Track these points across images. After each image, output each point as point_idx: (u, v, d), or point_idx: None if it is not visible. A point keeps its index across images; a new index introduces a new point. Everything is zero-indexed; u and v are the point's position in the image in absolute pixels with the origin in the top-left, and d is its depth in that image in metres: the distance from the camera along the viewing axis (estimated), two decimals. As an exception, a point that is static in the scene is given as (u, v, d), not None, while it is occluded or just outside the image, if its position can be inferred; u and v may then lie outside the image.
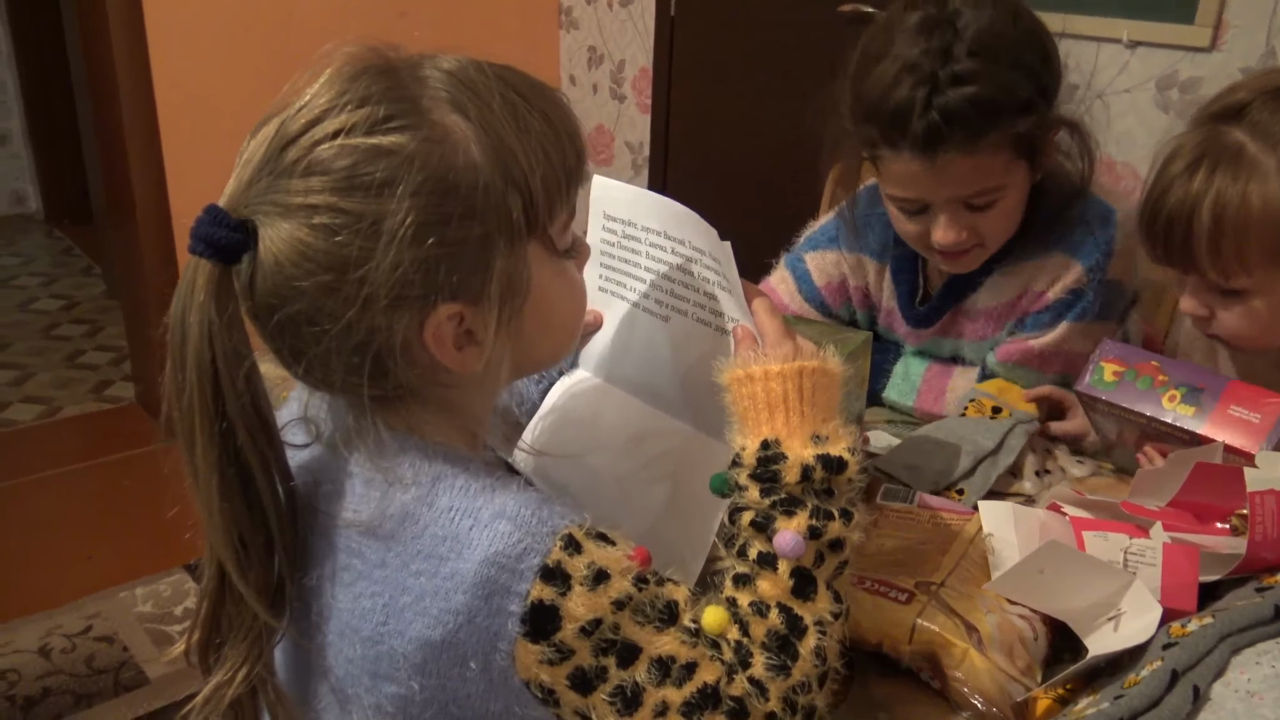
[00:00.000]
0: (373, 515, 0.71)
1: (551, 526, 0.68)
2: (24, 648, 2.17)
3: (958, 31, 1.09)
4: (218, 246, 0.67)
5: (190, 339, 0.67)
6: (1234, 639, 0.76)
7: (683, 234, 0.85)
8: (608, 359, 0.95)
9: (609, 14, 3.32)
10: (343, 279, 0.66)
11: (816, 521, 0.73)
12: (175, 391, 0.69)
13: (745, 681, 0.70)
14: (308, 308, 0.67)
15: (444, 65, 0.71)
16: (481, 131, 0.68)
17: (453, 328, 0.70)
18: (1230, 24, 2.01)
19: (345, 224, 0.65)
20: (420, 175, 0.66)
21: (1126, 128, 2.17)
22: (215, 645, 0.74)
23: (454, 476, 0.71)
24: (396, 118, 0.67)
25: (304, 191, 0.66)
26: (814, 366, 0.77)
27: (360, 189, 0.65)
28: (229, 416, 0.68)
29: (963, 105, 1.07)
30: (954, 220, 1.17)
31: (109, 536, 2.57)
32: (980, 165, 1.12)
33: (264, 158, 0.68)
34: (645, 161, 3.34)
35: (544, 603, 0.66)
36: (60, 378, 3.37)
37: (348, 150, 0.66)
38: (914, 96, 1.08)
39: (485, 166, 0.68)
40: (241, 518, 0.70)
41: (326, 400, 0.78)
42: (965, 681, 0.80)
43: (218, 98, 2.71)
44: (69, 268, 4.31)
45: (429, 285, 0.68)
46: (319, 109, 0.67)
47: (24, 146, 4.72)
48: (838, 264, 1.38)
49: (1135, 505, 0.93)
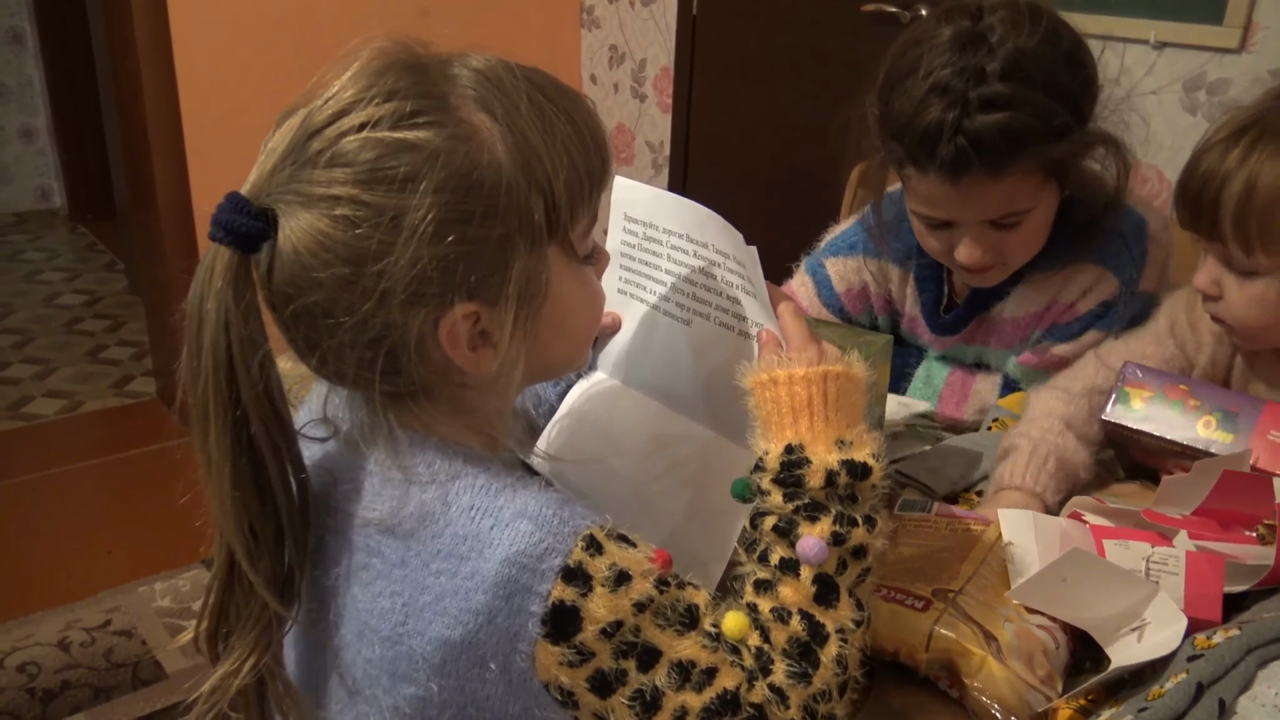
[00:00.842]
0: (391, 513, 0.71)
1: (573, 527, 0.67)
2: (44, 641, 2.19)
3: (991, 49, 1.05)
4: (238, 234, 0.67)
5: (207, 325, 0.67)
6: (1261, 652, 0.74)
7: (706, 237, 0.84)
8: (626, 362, 0.94)
9: (630, 13, 3.31)
10: (361, 272, 0.66)
11: (840, 528, 0.72)
12: (190, 378, 0.69)
13: (766, 688, 0.69)
14: (324, 299, 0.67)
15: (473, 64, 0.71)
16: (507, 131, 0.68)
17: (468, 327, 0.70)
18: (1260, 25, 1.98)
19: (366, 217, 0.65)
20: (444, 172, 0.66)
21: (1153, 130, 2.15)
22: (223, 635, 0.74)
23: (474, 475, 0.71)
24: (423, 113, 0.66)
25: (327, 182, 0.65)
26: (838, 371, 0.76)
27: (383, 182, 0.65)
28: (243, 404, 0.68)
29: (991, 132, 1.03)
30: (979, 240, 1.15)
31: (129, 531, 2.58)
32: (1009, 189, 1.09)
33: (288, 148, 0.68)
34: (666, 161, 3.33)
35: (565, 603, 0.65)
36: (82, 372, 3.39)
37: (372, 143, 0.65)
38: (943, 119, 1.04)
39: (509, 166, 0.68)
40: (252, 506, 0.70)
41: (344, 398, 0.78)
42: (984, 690, 0.78)
43: (240, 94, 2.72)
44: (92, 263, 4.34)
45: (447, 283, 0.67)
46: (345, 101, 0.67)
47: (49, 142, 4.76)
48: (859, 270, 1.37)
49: (1157, 514, 0.92)
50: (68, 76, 4.50)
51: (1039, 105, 1.04)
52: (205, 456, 0.69)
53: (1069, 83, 1.07)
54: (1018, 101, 1.03)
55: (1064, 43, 1.08)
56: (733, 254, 0.82)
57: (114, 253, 4.40)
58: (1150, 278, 1.20)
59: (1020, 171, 1.07)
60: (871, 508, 0.75)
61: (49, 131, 4.73)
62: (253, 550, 0.71)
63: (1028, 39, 1.05)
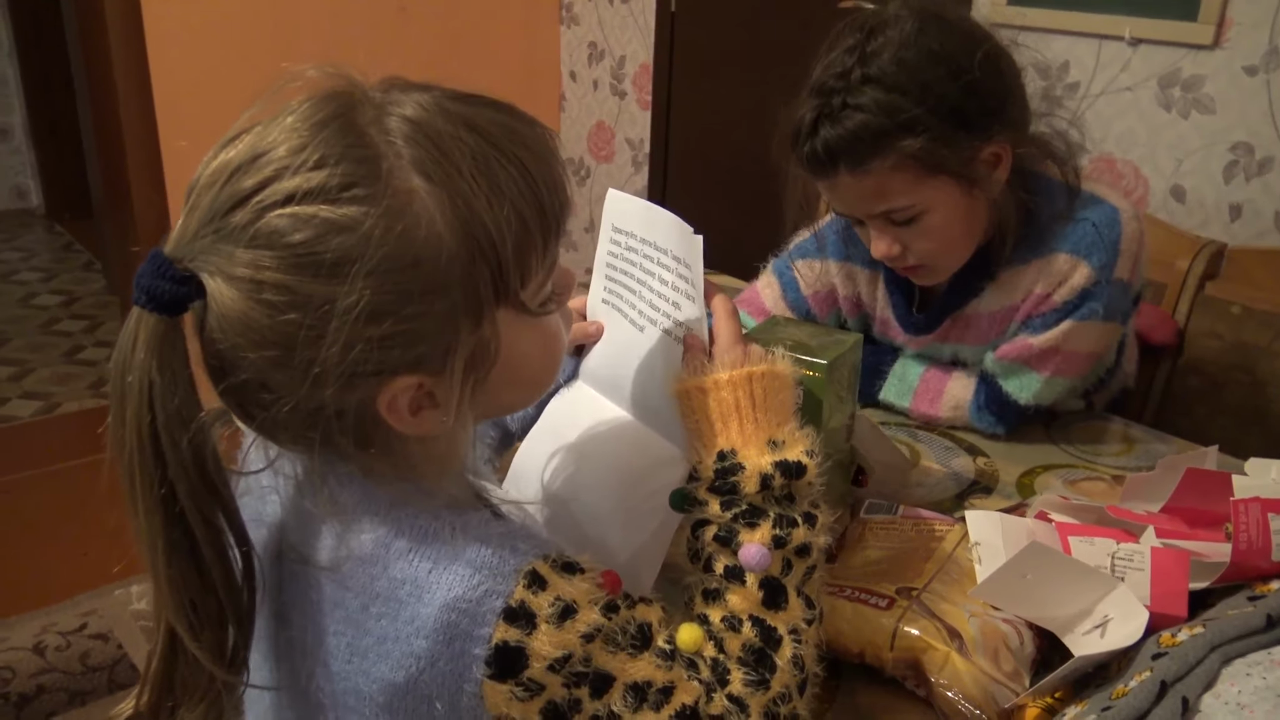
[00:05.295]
0: (332, 557, 0.68)
1: (514, 565, 0.65)
2: (19, 645, 2.17)
3: (865, 56, 1.10)
4: (161, 300, 0.62)
5: (130, 399, 0.62)
6: (1225, 649, 0.74)
7: (668, 244, 0.83)
8: (606, 374, 0.93)
9: (609, 9, 3.30)
10: (290, 355, 0.62)
11: (780, 530, 0.72)
12: (115, 448, 0.64)
13: (725, 699, 0.69)
14: (255, 377, 0.63)
15: (409, 112, 0.64)
16: (446, 197, 0.62)
17: (409, 396, 0.66)
18: (1233, 21, 1.99)
19: (294, 303, 0.61)
20: (379, 253, 0.60)
21: (1128, 126, 2.16)
22: (168, 708, 0.70)
23: (413, 518, 0.68)
24: (356, 185, 0.61)
25: (251, 264, 0.61)
26: (762, 371, 0.75)
27: (311, 268, 0.60)
28: (170, 481, 0.64)
29: (840, 137, 1.10)
30: (881, 235, 1.20)
31: (105, 533, 2.55)
32: (878, 185, 1.14)
33: (210, 210, 0.62)
34: (645, 158, 3.33)
35: (509, 644, 0.63)
36: (59, 373, 3.37)
37: (301, 221, 0.60)
38: (804, 120, 1.13)
39: (449, 238, 0.62)
40: (191, 581, 0.66)
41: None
42: (949, 686, 0.78)
43: (215, 92, 2.70)
44: (69, 263, 4.31)
45: (384, 362, 0.63)
46: (274, 166, 0.61)
47: (25, 141, 4.73)
48: (826, 273, 1.38)
49: (1122, 510, 0.92)
50: (44, 75, 4.47)
51: (889, 106, 1.09)
52: (137, 529, 0.65)
53: (935, 84, 1.10)
54: (870, 105, 1.09)
55: (942, 50, 1.11)
56: (673, 251, 0.81)
57: (92, 252, 4.37)
58: (1124, 266, 1.21)
59: (885, 168, 1.12)
60: (811, 504, 0.74)
61: (25, 130, 4.70)
62: (194, 625, 0.66)
63: (907, 47, 1.10)
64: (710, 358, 0.77)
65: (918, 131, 1.09)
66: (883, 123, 1.09)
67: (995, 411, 1.26)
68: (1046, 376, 1.23)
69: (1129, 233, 1.21)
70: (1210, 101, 2.05)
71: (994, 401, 1.26)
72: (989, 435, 1.27)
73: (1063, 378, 1.24)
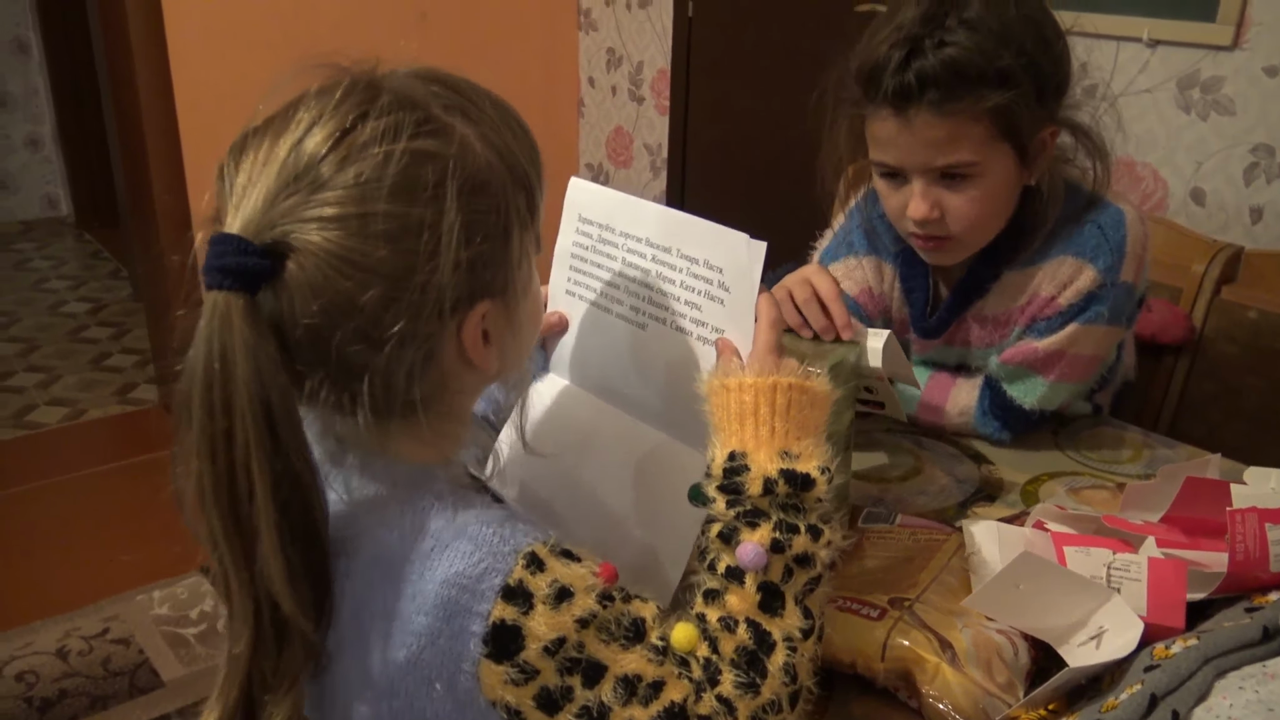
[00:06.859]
0: (337, 533, 0.70)
1: (514, 545, 0.67)
2: (42, 649, 2.20)
3: (956, 4, 1.11)
4: (245, 275, 0.63)
5: (238, 380, 0.63)
6: (1218, 662, 0.73)
7: (671, 242, 0.83)
8: (579, 363, 0.94)
9: (628, 15, 3.31)
10: (403, 285, 0.65)
11: (780, 534, 0.72)
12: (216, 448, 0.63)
13: (714, 699, 0.69)
14: (360, 323, 0.64)
15: (417, 71, 0.71)
16: (479, 132, 0.69)
17: (480, 323, 0.71)
18: (1253, 21, 1.96)
19: (405, 227, 0.64)
20: (460, 175, 0.66)
21: (1147, 127, 2.13)
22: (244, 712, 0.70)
23: (418, 498, 0.70)
24: (425, 123, 0.67)
25: (356, 199, 0.63)
26: (789, 382, 0.75)
27: (415, 191, 0.65)
28: (289, 458, 0.65)
29: (936, 66, 1.09)
30: (927, 192, 1.16)
31: (128, 539, 2.59)
32: (954, 132, 1.11)
33: (286, 176, 0.64)
34: (664, 163, 3.33)
35: (506, 622, 0.65)
36: (86, 380, 3.41)
37: (395, 155, 0.65)
38: (893, 55, 1.11)
39: (497, 164, 0.69)
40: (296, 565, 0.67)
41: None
42: (940, 698, 0.78)
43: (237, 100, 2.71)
44: (97, 271, 4.36)
45: (475, 284, 0.68)
46: (340, 123, 0.65)
47: (55, 151, 4.79)
48: (859, 268, 1.37)
49: (1119, 519, 0.91)
50: (73, 85, 4.53)
51: (987, 50, 1.09)
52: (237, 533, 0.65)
53: (1026, 41, 1.11)
54: (968, 44, 1.09)
55: (1035, 17, 1.13)
56: (704, 259, 0.81)
57: (119, 260, 4.42)
58: (1129, 268, 1.20)
59: (965, 113, 1.10)
60: (819, 518, 0.74)
61: (55, 140, 4.76)
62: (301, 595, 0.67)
63: (1002, 5, 1.11)
64: (743, 362, 0.78)
65: (1009, 86, 1.09)
66: (981, 65, 1.09)
67: (1000, 417, 1.25)
68: (1051, 381, 1.22)
69: (1134, 235, 1.20)
70: (1230, 103, 2.02)
71: (998, 406, 1.25)
72: (995, 442, 1.26)
73: (1067, 383, 1.23)
